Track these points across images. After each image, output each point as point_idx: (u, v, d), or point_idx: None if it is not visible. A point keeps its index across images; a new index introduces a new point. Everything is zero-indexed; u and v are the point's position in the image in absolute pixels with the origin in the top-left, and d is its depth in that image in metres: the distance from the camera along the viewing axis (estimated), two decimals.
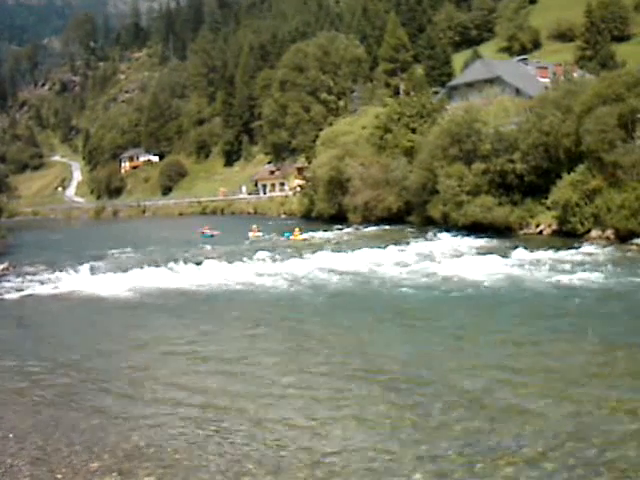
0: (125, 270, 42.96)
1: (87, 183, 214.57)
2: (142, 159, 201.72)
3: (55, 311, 33.01)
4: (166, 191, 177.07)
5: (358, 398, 17.99)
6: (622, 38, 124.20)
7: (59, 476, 14.38)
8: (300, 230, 63.30)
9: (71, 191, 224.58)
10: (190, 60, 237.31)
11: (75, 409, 18.60)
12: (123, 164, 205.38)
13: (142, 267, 43.17)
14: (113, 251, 56.51)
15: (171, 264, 44.12)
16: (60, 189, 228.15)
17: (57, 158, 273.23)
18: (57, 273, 43.14)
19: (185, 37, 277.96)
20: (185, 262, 45.34)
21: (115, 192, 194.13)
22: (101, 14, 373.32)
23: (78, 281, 40.01)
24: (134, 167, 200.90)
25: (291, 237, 61.08)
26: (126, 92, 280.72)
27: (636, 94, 47.83)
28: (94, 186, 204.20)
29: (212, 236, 68.52)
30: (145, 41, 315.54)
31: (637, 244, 43.22)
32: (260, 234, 66.26)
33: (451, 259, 41.24)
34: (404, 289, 32.88)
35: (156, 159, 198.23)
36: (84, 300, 35.25)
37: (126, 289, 36.50)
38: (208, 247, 56.84)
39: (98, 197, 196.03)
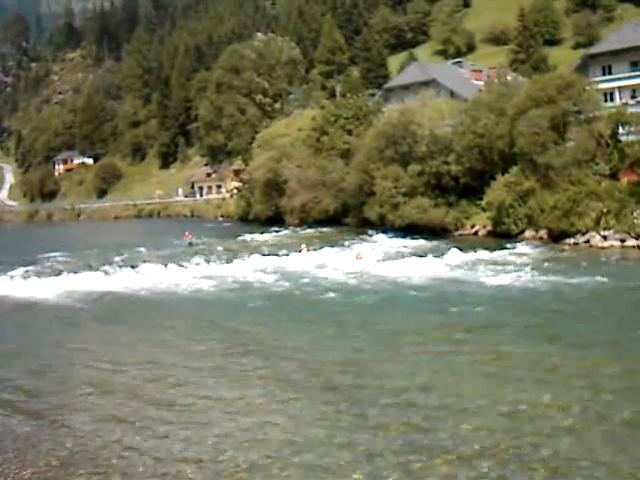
0: (59, 274, 42.31)
1: (20, 186, 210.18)
2: (76, 161, 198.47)
3: None
4: (101, 194, 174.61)
5: (295, 401, 17.97)
6: (554, 42, 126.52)
7: None
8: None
9: (3, 194, 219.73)
10: (125, 61, 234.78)
11: (7, 416, 18.23)
12: (57, 167, 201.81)
13: (76, 272, 42.53)
14: (47, 255, 55.50)
15: (106, 268, 43.62)
16: None
17: None
18: None
19: (120, 38, 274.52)
20: (120, 266, 44.86)
21: (49, 195, 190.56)
22: (33, 14, 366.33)
23: (10, 286, 39.31)
24: (68, 170, 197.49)
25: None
26: (59, 93, 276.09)
27: (567, 97, 48.70)
28: (27, 189, 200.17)
29: (191, 244, 60.32)
30: (79, 42, 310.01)
31: (569, 244, 44.01)
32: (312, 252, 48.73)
33: (387, 260, 41.47)
34: (340, 291, 32.95)
35: (91, 161, 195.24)
36: (16, 305, 34.66)
37: (60, 294, 35.95)
38: (143, 250, 56.10)
39: (31, 200, 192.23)
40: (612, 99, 68.82)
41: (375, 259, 42.66)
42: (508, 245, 44.26)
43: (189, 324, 28.14)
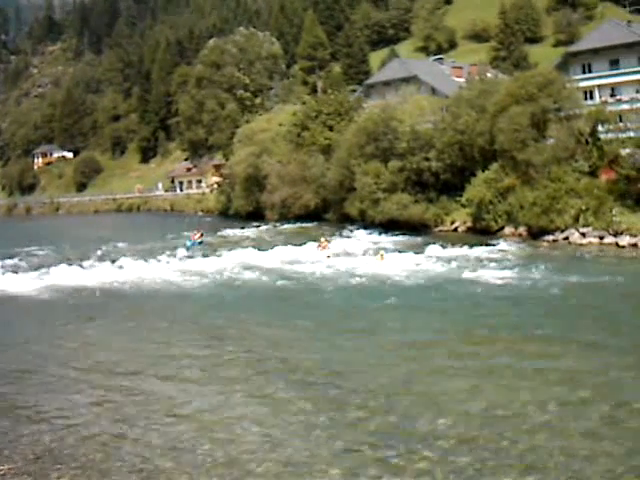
0: (37, 269, 42.05)
1: None
2: (56, 155, 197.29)
3: None
4: (81, 188, 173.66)
5: (275, 395, 17.95)
6: (534, 40, 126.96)
7: None
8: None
9: None
10: (105, 55, 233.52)
11: None
12: (36, 160, 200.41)
13: (54, 266, 42.24)
14: (25, 249, 55.14)
15: (84, 262, 43.39)
16: None
17: None
18: None
19: (100, 31, 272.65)
20: (99, 261, 44.63)
21: (28, 189, 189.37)
22: (12, 6, 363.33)
23: None
24: (47, 163, 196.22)
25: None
26: (39, 87, 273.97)
27: (547, 94, 48.92)
28: (6, 182, 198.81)
29: (201, 243, 56.38)
30: (59, 34, 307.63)
31: (548, 240, 44.22)
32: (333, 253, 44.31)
33: (367, 256, 41.50)
34: (320, 287, 32.97)
35: (70, 155, 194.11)
36: None
37: (40, 288, 35.76)
38: (121, 245, 55.82)
39: (10, 194, 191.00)
40: (592, 97, 69.31)
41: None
42: (488, 241, 44.36)
43: (169, 319, 28.01)
